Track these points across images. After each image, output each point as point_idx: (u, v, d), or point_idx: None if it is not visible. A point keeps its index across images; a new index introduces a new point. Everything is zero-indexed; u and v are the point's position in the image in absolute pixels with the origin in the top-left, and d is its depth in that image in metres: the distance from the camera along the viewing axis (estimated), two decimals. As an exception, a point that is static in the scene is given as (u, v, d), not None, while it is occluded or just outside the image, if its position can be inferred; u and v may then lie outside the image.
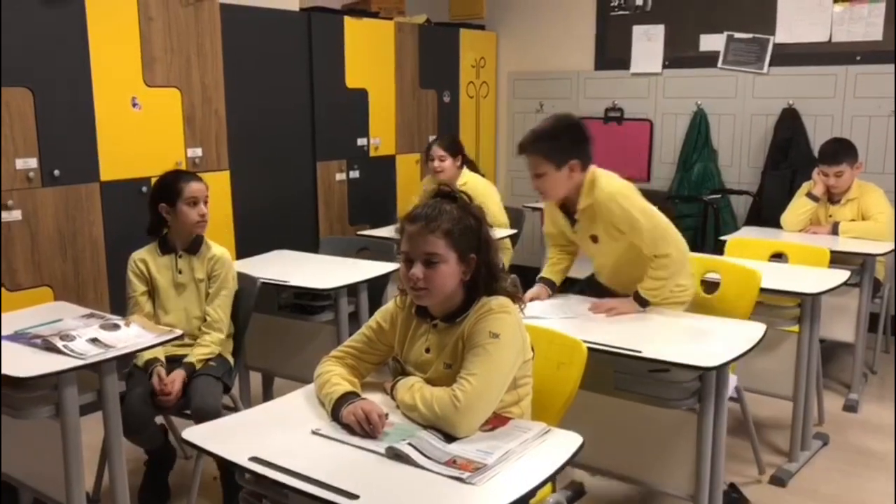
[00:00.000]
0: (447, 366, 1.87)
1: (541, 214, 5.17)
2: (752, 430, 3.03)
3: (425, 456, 1.57)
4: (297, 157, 4.60)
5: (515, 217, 4.99)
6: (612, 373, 2.34)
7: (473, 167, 4.70)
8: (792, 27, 4.89)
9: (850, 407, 3.72)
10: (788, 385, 3.09)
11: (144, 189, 3.83)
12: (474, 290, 1.89)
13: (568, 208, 2.77)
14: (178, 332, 2.48)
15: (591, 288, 2.96)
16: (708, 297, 2.90)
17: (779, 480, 3.01)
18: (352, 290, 3.17)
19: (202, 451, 1.70)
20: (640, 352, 2.20)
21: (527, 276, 5.01)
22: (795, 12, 4.86)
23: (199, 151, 4.06)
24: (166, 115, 3.90)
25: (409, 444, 1.60)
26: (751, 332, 2.37)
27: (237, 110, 4.21)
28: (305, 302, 3.18)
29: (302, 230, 4.62)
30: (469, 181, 4.38)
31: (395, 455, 1.58)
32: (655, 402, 2.28)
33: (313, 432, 1.74)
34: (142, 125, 3.79)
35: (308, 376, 2.04)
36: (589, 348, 2.16)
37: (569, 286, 3.01)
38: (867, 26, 4.65)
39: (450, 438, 1.67)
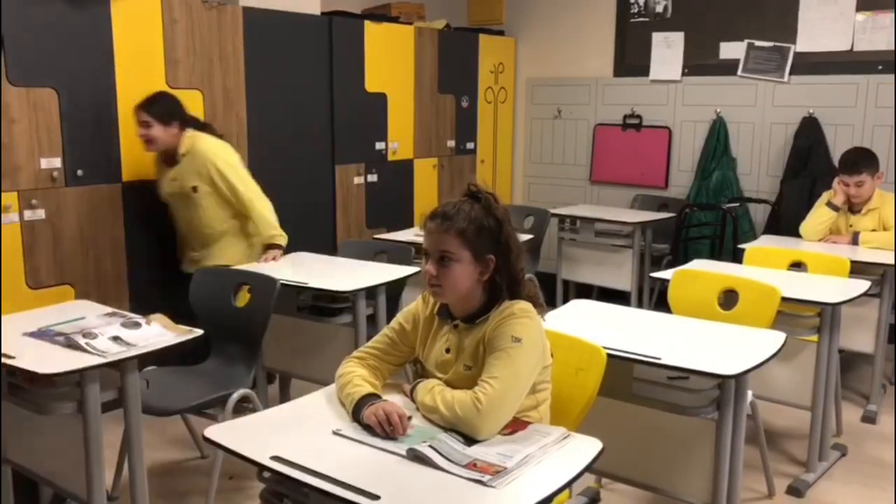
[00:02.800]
0: (467, 367, 1.88)
1: (558, 220, 5.18)
2: (765, 448, 2.99)
3: (446, 458, 1.58)
4: (316, 160, 4.63)
5: (540, 218, 5.01)
6: (630, 379, 2.34)
7: (207, 129, 3.72)
8: (813, 35, 4.87)
9: (869, 418, 3.69)
10: (807, 395, 3.07)
11: (165, 190, 3.87)
12: (495, 292, 1.90)
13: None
14: (199, 331, 2.50)
15: None
16: (725, 314, 2.88)
17: (796, 491, 2.99)
18: (370, 292, 3.18)
19: (224, 449, 1.71)
20: (659, 359, 2.20)
21: (543, 281, 5.04)
22: (817, 21, 4.84)
23: (219, 153, 4.08)
24: (188, 117, 3.93)
25: (430, 446, 1.61)
26: (770, 340, 2.36)
27: (258, 113, 4.24)
28: (324, 304, 3.20)
29: (320, 233, 4.64)
30: (195, 144, 3.56)
31: (416, 457, 1.59)
32: (674, 410, 2.28)
33: (334, 433, 1.75)
34: (164, 127, 3.82)
35: (325, 378, 2.05)
36: (608, 354, 2.17)
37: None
38: (890, 35, 4.62)
39: (470, 441, 1.67)
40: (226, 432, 1.80)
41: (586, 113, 5.84)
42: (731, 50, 5.16)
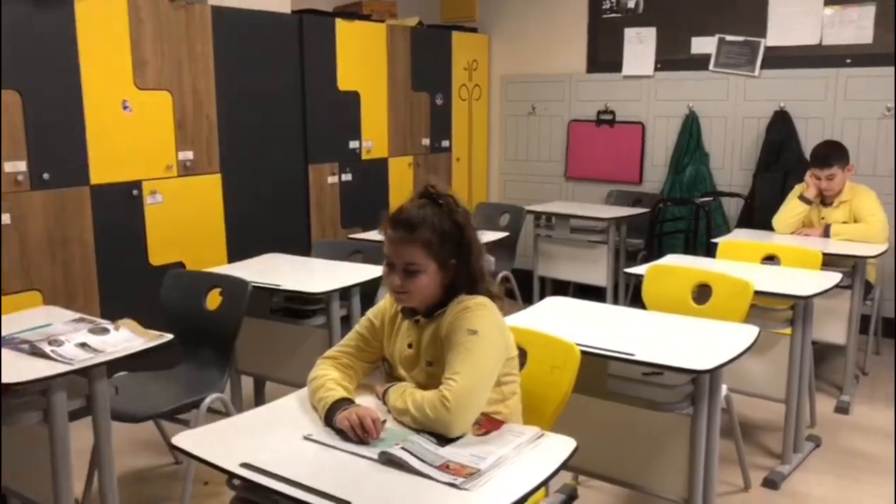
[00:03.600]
0: (429, 364, 1.87)
1: (533, 217, 5.18)
2: (740, 442, 3.00)
3: (419, 459, 1.56)
4: (288, 159, 4.59)
5: (516, 215, 5.01)
6: (605, 376, 2.33)
7: None
8: (783, 30, 4.91)
9: (842, 409, 3.73)
10: (781, 387, 3.09)
11: (136, 192, 3.82)
12: (454, 288, 1.89)
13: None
14: (168, 336, 2.46)
15: None
16: (699, 309, 2.89)
17: (771, 483, 3.01)
18: (344, 293, 3.15)
19: (192, 457, 1.68)
20: (633, 355, 2.19)
21: (519, 278, 5.04)
22: (787, 15, 4.88)
23: (190, 155, 4.04)
24: (157, 118, 3.88)
25: (403, 448, 1.59)
26: (744, 335, 2.36)
27: (228, 113, 4.20)
28: (297, 306, 3.17)
29: (294, 233, 4.60)
30: None
31: (388, 460, 1.57)
32: (649, 406, 2.28)
33: (305, 438, 1.72)
34: (132, 128, 3.77)
35: (300, 380, 2.02)
36: (582, 351, 2.16)
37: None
38: (857, 29, 4.67)
39: (443, 442, 1.66)
40: (195, 439, 1.77)
41: (560, 109, 5.84)
42: (703, 45, 5.19)
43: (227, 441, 1.75)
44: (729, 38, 5.08)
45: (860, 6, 4.65)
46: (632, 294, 4.93)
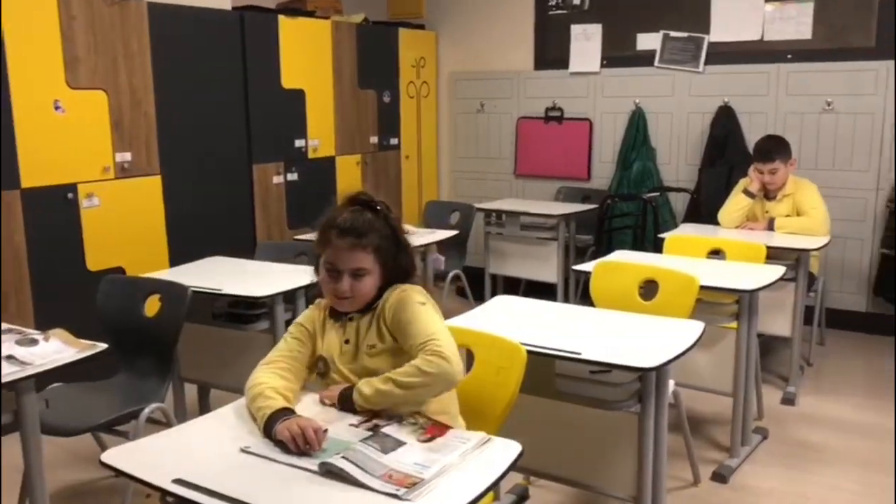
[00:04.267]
0: (371, 347, 1.90)
1: (484, 215, 5.16)
2: (689, 436, 3.01)
3: (361, 469, 1.51)
4: (232, 159, 4.48)
5: (466, 213, 4.98)
6: (553, 376, 2.31)
7: None
8: (726, 26, 4.96)
9: (788, 400, 3.78)
10: (728, 381, 3.11)
11: (70, 196, 3.69)
12: (387, 285, 1.94)
13: None
14: (102, 345, 2.36)
15: None
16: (646, 305, 2.89)
17: (720, 477, 3.03)
18: (289, 296, 3.08)
19: (122, 474, 1.60)
20: (579, 353, 2.17)
21: (470, 275, 5.01)
22: (729, 11, 4.94)
23: (128, 156, 3.92)
24: (92, 119, 3.75)
25: (344, 457, 1.54)
26: (689, 330, 2.36)
27: (168, 112, 4.08)
28: (240, 311, 3.09)
29: (238, 235, 4.50)
30: None
31: (328, 471, 1.52)
32: (596, 405, 2.26)
33: (242, 450, 1.66)
34: (66, 129, 3.64)
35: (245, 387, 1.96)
36: (529, 351, 2.14)
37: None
38: (797, 25, 4.74)
39: (387, 450, 1.60)
40: (127, 454, 1.69)
41: (509, 106, 5.83)
42: (648, 41, 5.22)
43: (163, 455, 1.67)
44: (673, 34, 5.13)
45: (799, 3, 4.72)
46: (582, 290, 4.93)
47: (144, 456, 1.68)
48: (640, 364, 2.10)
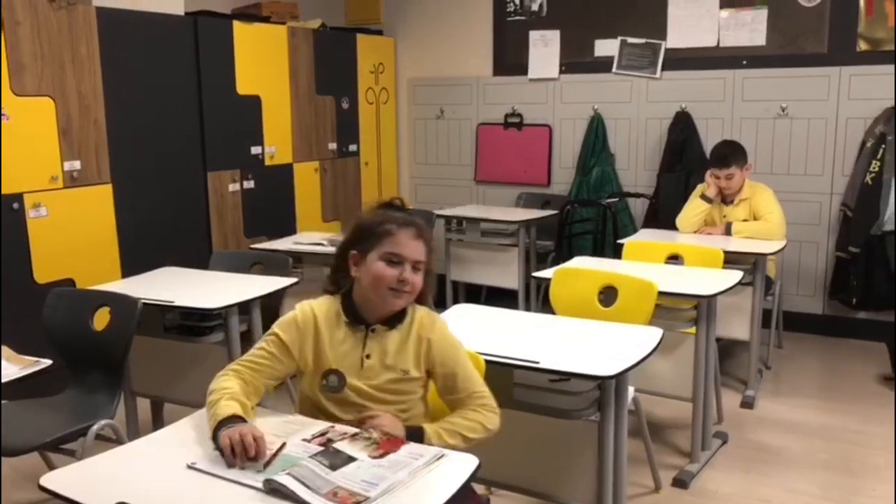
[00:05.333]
0: (405, 372, 1.90)
1: (444, 221, 5.13)
2: (649, 443, 3.00)
3: (305, 486, 1.46)
4: (186, 167, 4.39)
5: (426, 221, 4.92)
6: (511, 385, 2.28)
7: None
8: (682, 32, 5.01)
9: (748, 403, 3.80)
10: (688, 386, 3.11)
11: (16, 206, 3.58)
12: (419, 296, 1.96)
13: None
14: (46, 361, 2.28)
15: None
16: (605, 311, 2.88)
17: (681, 483, 3.03)
18: (243, 307, 3.01)
19: (62, 499, 1.53)
20: (538, 362, 2.15)
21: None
22: (685, 17, 4.98)
23: (77, 164, 3.81)
24: (38, 126, 3.64)
25: (289, 474, 1.49)
26: (648, 337, 2.35)
27: (119, 120, 3.98)
28: (193, 323, 3.01)
29: (193, 245, 4.40)
30: None
31: (273, 489, 1.47)
32: (555, 414, 2.23)
33: (189, 466, 1.60)
34: (10, 137, 3.52)
35: (199, 401, 1.90)
36: (487, 361, 2.11)
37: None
38: (751, 32, 4.80)
39: (335, 467, 1.56)
40: (69, 476, 1.62)
41: (468, 113, 5.82)
42: (606, 47, 5.24)
43: (108, 475, 1.61)
44: (631, 40, 5.16)
45: (754, 9, 4.78)
46: (543, 296, 4.93)
47: (88, 477, 1.62)
48: (598, 372, 2.08)
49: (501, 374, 2.24)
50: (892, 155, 4.30)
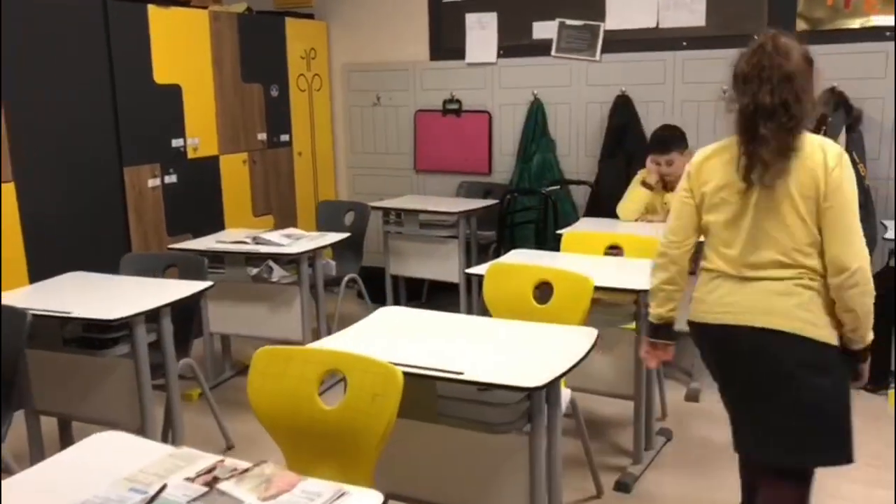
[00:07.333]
0: None
1: (381, 213, 4.93)
2: (588, 447, 2.84)
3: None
4: (99, 162, 4.09)
5: (361, 213, 4.73)
6: (435, 398, 2.10)
7: None
8: (621, 13, 4.86)
9: (692, 396, 3.69)
10: (629, 384, 2.97)
11: None
12: None
13: None
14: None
15: None
16: (540, 308, 2.72)
17: (624, 486, 2.89)
18: (152, 315, 2.77)
19: None
20: (462, 373, 1.97)
21: (373, 277, 4.79)
22: (623, -2, 4.83)
23: (-27, 162, 3.51)
24: (-74, 122, 3.34)
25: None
26: (583, 339, 2.20)
27: (22, 112, 3.68)
28: (96, 335, 2.76)
29: (110, 245, 4.11)
30: None
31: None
32: (484, 428, 2.06)
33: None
34: None
35: (108, 418, 1.71)
36: (408, 373, 1.92)
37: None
38: (691, 13, 4.68)
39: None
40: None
41: (406, 99, 5.60)
42: (544, 30, 5.07)
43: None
44: (569, 22, 4.99)
45: (693, -11, 4.65)
46: (485, 289, 4.77)
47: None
48: (525, 383, 1.92)
49: (424, 387, 2.07)
50: (834, 136, 4.23)
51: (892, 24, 4.29)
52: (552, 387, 2.01)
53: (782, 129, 2.01)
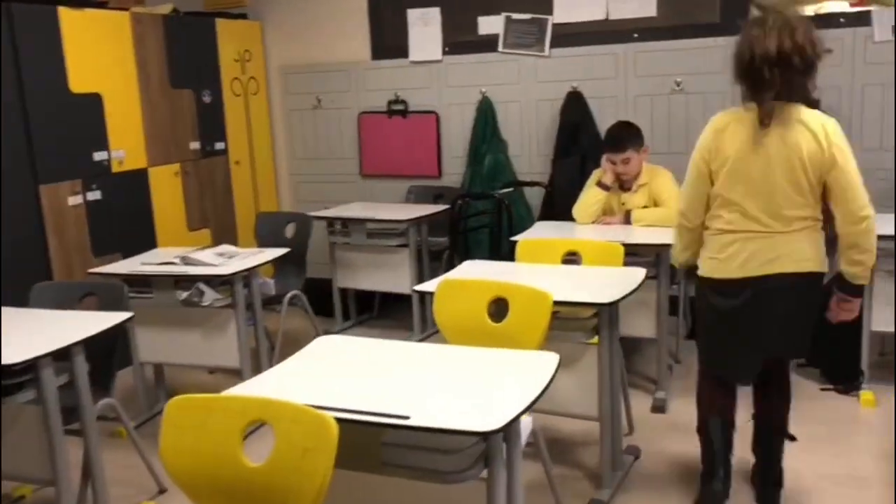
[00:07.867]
0: None
1: (326, 223, 4.65)
2: (553, 483, 2.61)
3: None
4: (10, 181, 3.74)
5: (302, 225, 4.44)
6: (378, 445, 1.86)
7: None
8: (569, 6, 4.65)
9: (659, 407, 3.50)
10: (593, 404, 2.76)
11: None
12: None
13: None
14: None
15: None
16: (496, 327, 2.50)
17: (591, 516, 2.69)
18: (62, 354, 2.47)
19: None
20: (408, 418, 1.73)
21: (319, 289, 4.52)
22: (571, -10, 4.63)
23: None
24: None
25: None
26: (543, 366, 1.98)
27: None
28: (-5, 380, 2.45)
29: (27, 271, 3.74)
30: None
31: None
32: (434, 478, 1.82)
33: None
34: None
35: (18, 472, 1.41)
36: (343, 420, 1.67)
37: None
38: (641, 3, 4.49)
39: None
40: None
41: (348, 101, 5.33)
42: (490, 25, 4.84)
43: None
44: (516, 16, 4.77)
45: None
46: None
47: None
48: (481, 427, 1.68)
49: (366, 433, 1.82)
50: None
51: (846, 10, 4.17)
52: (511, 427, 1.78)
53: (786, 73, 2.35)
